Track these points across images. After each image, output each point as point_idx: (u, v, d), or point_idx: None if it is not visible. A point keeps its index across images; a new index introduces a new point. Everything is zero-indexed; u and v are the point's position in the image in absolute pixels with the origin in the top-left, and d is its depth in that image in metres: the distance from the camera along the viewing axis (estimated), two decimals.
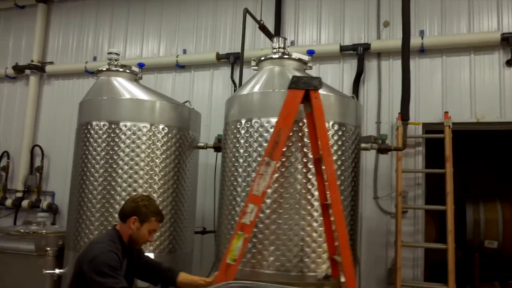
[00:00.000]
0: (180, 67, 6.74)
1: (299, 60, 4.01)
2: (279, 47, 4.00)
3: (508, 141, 8.38)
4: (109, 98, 4.53)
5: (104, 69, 4.68)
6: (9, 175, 7.72)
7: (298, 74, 3.89)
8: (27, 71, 7.78)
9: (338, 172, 3.79)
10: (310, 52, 3.79)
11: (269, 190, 3.56)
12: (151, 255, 3.86)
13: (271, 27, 6.19)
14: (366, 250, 5.59)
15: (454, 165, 5.05)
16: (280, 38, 4.02)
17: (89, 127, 4.55)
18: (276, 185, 3.59)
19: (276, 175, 3.58)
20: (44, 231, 5.19)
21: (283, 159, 3.57)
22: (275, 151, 3.05)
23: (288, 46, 6.03)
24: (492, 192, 7.68)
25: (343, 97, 4.08)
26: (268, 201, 3.58)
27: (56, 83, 7.76)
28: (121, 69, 4.68)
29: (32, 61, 7.71)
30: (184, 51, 6.81)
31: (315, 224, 3.62)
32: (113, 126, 4.42)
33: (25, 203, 7.36)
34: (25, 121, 7.59)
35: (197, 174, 5.10)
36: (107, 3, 7.56)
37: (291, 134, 3.56)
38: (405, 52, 4.55)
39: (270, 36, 5.95)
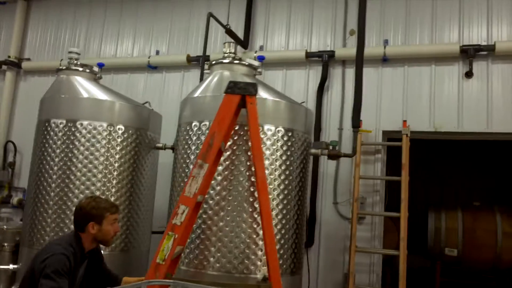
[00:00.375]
0: (152, 68, 6.81)
1: (249, 65, 4.09)
2: (229, 52, 4.07)
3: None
4: (67, 97, 4.59)
5: (63, 67, 4.75)
6: None
7: (247, 79, 3.98)
8: (4, 67, 7.83)
9: (282, 177, 3.87)
10: (260, 58, 3.87)
11: (212, 192, 3.65)
12: (104, 253, 3.90)
13: (242, 31, 6.29)
14: (325, 254, 5.68)
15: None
16: (231, 43, 4.09)
17: (47, 125, 4.61)
18: (219, 187, 3.66)
19: (220, 177, 3.66)
20: (5, 226, 5.25)
21: (227, 162, 3.65)
22: (208, 153, 3.12)
23: (256, 51, 6.22)
24: (455, 201, 7.80)
25: (293, 103, 4.16)
26: (211, 202, 3.65)
27: (32, 80, 7.83)
28: (80, 69, 4.74)
29: (9, 56, 7.77)
30: (157, 52, 6.89)
31: (256, 226, 3.69)
32: (70, 125, 4.47)
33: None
34: (0, 117, 7.64)
35: (157, 174, 5.16)
36: (85, 2, 7.63)
37: (236, 137, 3.64)
38: (358, 62, 4.64)
39: (237, 40, 6.05)
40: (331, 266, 5.61)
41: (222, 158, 3.61)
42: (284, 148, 3.91)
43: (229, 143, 3.62)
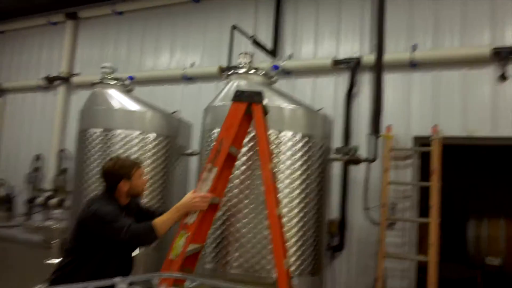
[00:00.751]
0: (188, 79, 7.12)
1: (264, 74, 4.24)
2: (245, 62, 4.23)
3: None
4: (102, 108, 4.95)
5: (98, 82, 5.13)
6: (41, 176, 8.39)
7: (262, 88, 4.13)
8: (57, 82, 8.46)
9: (299, 181, 3.96)
10: (275, 67, 3.98)
11: (230, 194, 3.81)
12: (138, 253, 4.12)
13: (271, 41, 6.47)
14: (356, 259, 5.68)
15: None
16: (247, 54, 4.25)
17: (86, 134, 4.99)
18: (236, 190, 3.81)
19: (237, 181, 3.81)
20: (54, 225, 5.71)
21: (244, 167, 3.80)
22: (217, 158, 3.28)
23: (284, 60, 6.34)
24: (497, 208, 7.45)
25: (310, 110, 4.25)
26: (229, 204, 3.81)
27: (81, 93, 8.37)
28: (113, 82, 5.10)
29: (60, 73, 8.39)
30: (192, 64, 7.19)
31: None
32: (105, 133, 4.83)
33: (53, 201, 7.93)
34: (54, 127, 8.25)
35: (187, 179, 5.41)
36: (126, 19, 8.12)
37: (252, 143, 3.79)
38: (377, 68, 4.64)
39: (265, 50, 6.22)
40: (362, 271, 5.59)
41: (239, 163, 3.77)
42: (301, 153, 4.01)
43: (246, 149, 3.77)
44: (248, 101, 3.36)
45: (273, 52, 6.43)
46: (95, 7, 8.41)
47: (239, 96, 3.33)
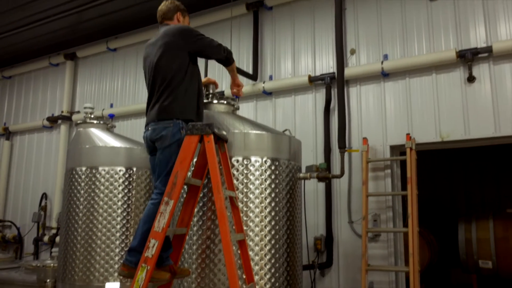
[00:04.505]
0: None
1: (227, 103, 4.42)
2: (208, 93, 4.43)
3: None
4: (86, 147, 5.23)
5: (80, 121, 5.43)
6: (47, 214, 8.77)
7: (225, 116, 4.31)
8: (59, 121, 8.88)
9: (273, 204, 4.10)
10: (236, 96, 4.18)
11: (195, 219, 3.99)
12: None
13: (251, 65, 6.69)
14: (344, 273, 5.72)
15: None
16: (211, 85, 4.45)
17: (74, 172, 5.27)
18: (195, 219, 3.99)
19: (200, 212, 3.99)
20: (49, 265, 5.95)
21: (205, 199, 3.98)
22: (173, 191, 3.46)
23: (264, 81, 6.53)
24: (486, 209, 7.36)
25: (276, 134, 4.39)
26: (191, 233, 3.99)
27: None
28: (95, 121, 5.38)
29: (62, 112, 8.81)
30: None
31: (239, 253, 3.93)
32: (91, 171, 5.09)
33: (58, 239, 8.28)
34: (58, 165, 8.64)
35: None
36: (120, 55, 8.49)
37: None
38: (339, 82, 4.74)
39: (245, 74, 6.42)
40: (351, 285, 5.63)
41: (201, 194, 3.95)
42: (273, 176, 4.15)
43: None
44: (199, 133, 3.53)
45: (254, 76, 6.62)
46: (91, 45, 8.83)
47: (191, 129, 3.51)
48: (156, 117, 3.66)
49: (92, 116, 5.44)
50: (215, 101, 4.42)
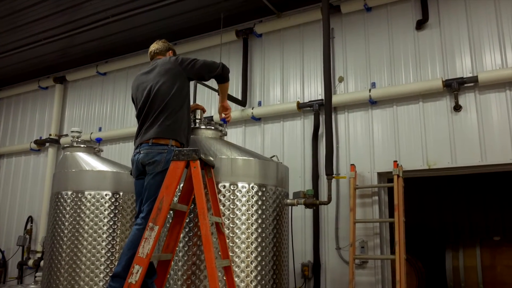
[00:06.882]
0: None
1: (215, 129, 4.44)
2: (196, 118, 4.45)
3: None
4: (73, 171, 5.18)
5: (67, 145, 5.39)
6: (32, 237, 8.61)
7: (213, 141, 4.32)
8: (47, 144, 8.82)
9: (259, 230, 4.07)
10: (224, 121, 4.21)
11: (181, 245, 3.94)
12: None
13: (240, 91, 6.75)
14: None
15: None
16: (198, 110, 4.47)
17: (60, 196, 5.20)
18: (181, 244, 3.94)
19: (190, 234, 3.95)
20: None
21: (191, 224, 3.94)
22: (158, 217, 3.42)
23: (253, 107, 6.58)
24: (474, 236, 7.39)
25: (263, 160, 4.40)
26: (176, 258, 3.94)
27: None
28: (82, 145, 5.35)
29: (50, 135, 8.75)
30: None
31: (224, 279, 3.88)
32: (77, 195, 5.04)
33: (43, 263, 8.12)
34: (44, 188, 8.53)
35: None
36: (110, 79, 8.52)
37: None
38: (327, 109, 4.80)
39: (235, 100, 6.46)
40: None
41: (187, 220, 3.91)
42: (259, 202, 4.14)
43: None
44: (185, 159, 3.53)
45: (243, 102, 6.67)
46: (81, 69, 8.86)
47: (177, 155, 3.51)
48: (154, 135, 3.69)
49: (79, 140, 5.40)
50: (202, 127, 4.43)
